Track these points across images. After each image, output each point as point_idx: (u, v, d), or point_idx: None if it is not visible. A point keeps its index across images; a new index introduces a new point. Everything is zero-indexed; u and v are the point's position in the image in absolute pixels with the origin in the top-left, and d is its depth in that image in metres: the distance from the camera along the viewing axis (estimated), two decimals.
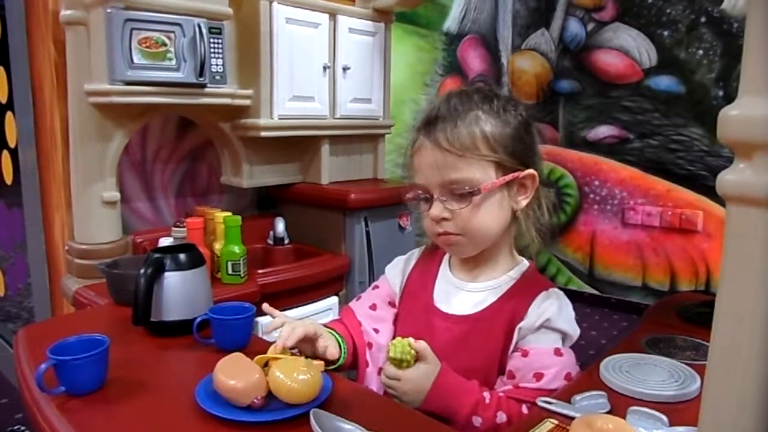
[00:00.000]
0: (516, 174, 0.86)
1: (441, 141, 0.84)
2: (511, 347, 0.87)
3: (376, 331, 1.01)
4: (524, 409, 0.84)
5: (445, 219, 0.86)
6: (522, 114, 0.89)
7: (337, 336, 0.96)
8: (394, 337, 0.90)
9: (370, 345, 0.99)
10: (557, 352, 0.86)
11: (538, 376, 0.85)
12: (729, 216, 0.45)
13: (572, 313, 0.89)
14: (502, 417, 0.82)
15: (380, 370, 0.91)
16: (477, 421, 0.82)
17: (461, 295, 0.93)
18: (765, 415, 0.44)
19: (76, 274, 1.68)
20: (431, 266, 1.00)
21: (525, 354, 0.86)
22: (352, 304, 1.07)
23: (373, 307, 1.03)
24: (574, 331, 0.88)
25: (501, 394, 0.86)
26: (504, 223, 0.89)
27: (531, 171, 0.87)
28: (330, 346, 0.91)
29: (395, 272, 1.05)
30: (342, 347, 0.94)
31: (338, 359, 0.93)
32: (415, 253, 1.07)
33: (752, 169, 0.43)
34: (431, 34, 3.23)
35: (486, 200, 0.85)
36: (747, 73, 0.43)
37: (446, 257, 1.00)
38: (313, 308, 1.89)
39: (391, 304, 1.04)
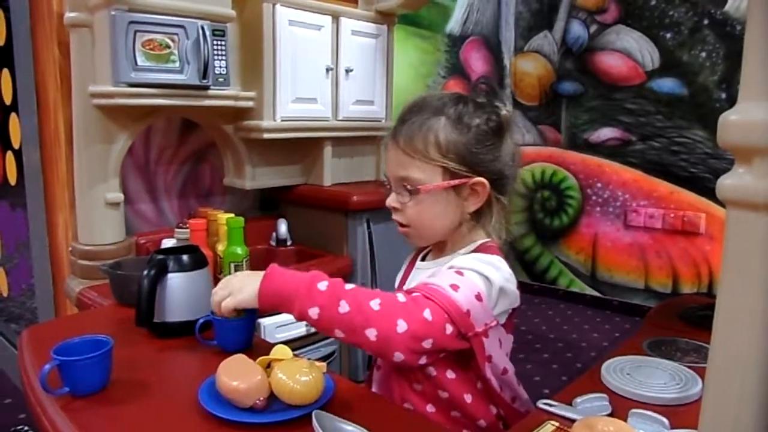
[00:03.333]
0: (464, 180, 0.89)
1: (399, 140, 0.92)
2: None
3: None
4: (399, 296, 0.80)
5: (395, 209, 0.94)
6: (489, 121, 0.91)
7: None
8: None
9: None
10: (458, 272, 0.84)
11: (425, 282, 0.84)
12: (729, 220, 0.45)
13: (495, 263, 0.87)
14: (344, 306, 0.77)
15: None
16: (314, 312, 0.78)
17: (422, 273, 0.98)
18: (765, 417, 0.44)
19: (79, 274, 1.69)
20: (413, 260, 1.07)
21: (432, 275, 0.89)
22: None
23: None
24: (491, 274, 0.84)
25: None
26: (451, 222, 0.93)
27: (480, 179, 0.89)
28: None
29: (405, 263, 1.11)
30: None
31: None
32: (411, 254, 1.11)
33: (752, 174, 0.43)
34: (434, 36, 3.24)
35: (428, 199, 0.90)
36: (746, 79, 0.44)
37: (425, 251, 1.05)
38: None
39: None
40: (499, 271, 0.86)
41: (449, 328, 0.78)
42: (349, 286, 0.81)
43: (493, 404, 0.91)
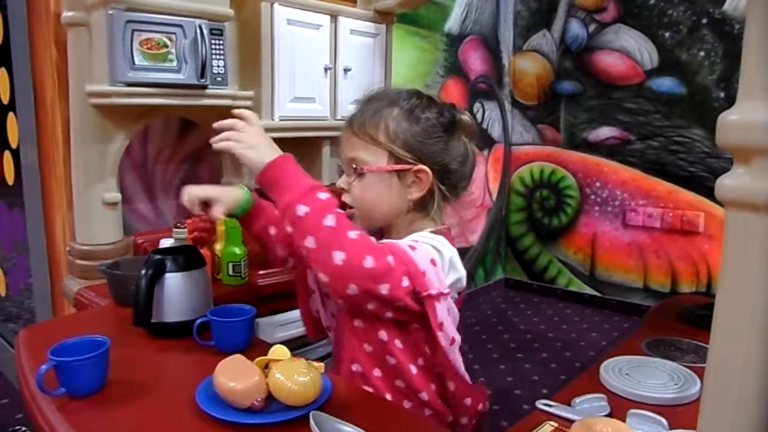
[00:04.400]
0: (407, 167, 0.94)
1: (353, 124, 0.96)
2: None
3: None
4: (352, 235, 0.81)
5: (344, 190, 0.99)
6: (440, 117, 0.96)
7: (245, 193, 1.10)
8: None
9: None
10: (411, 243, 0.88)
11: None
12: (728, 220, 0.45)
13: (441, 240, 0.91)
14: (330, 220, 0.81)
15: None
16: (302, 209, 0.82)
17: None
18: (764, 417, 0.44)
19: (77, 274, 1.68)
20: None
21: None
22: None
23: None
24: (441, 247, 0.89)
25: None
26: (394, 206, 0.97)
27: (423, 167, 0.94)
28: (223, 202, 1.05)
29: None
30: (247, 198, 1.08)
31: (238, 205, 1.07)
32: None
33: (751, 174, 0.43)
34: (432, 35, 3.23)
35: (372, 180, 0.95)
36: (746, 78, 0.43)
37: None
38: None
39: None
40: (448, 248, 0.91)
41: (405, 281, 0.82)
42: (341, 212, 0.83)
43: (433, 382, 0.93)
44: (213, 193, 1.05)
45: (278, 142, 0.87)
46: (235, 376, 0.77)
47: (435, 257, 0.87)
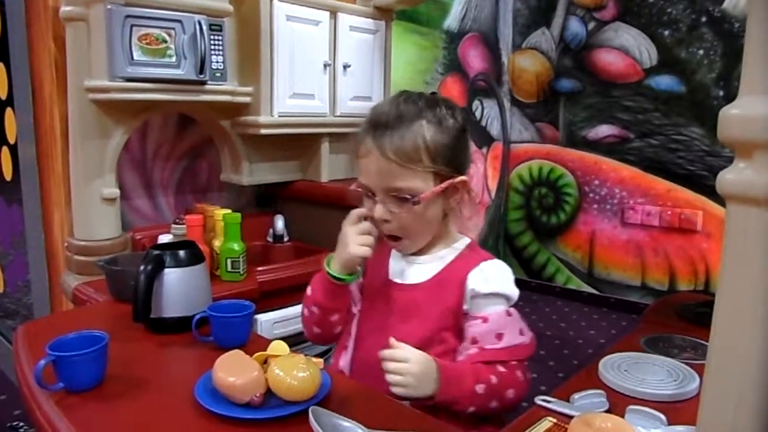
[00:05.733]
0: (451, 181, 0.94)
1: (387, 151, 0.90)
2: (464, 308, 0.95)
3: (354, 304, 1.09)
4: (500, 368, 0.92)
5: (386, 221, 0.94)
6: (459, 121, 0.96)
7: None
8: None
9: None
10: (508, 313, 0.95)
11: (499, 336, 0.93)
12: (729, 215, 0.44)
13: (512, 277, 0.98)
14: (480, 387, 0.89)
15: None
16: (471, 409, 0.90)
17: (413, 267, 1.01)
18: (763, 414, 0.44)
19: (75, 270, 1.68)
20: (384, 247, 1.05)
21: (485, 320, 0.94)
22: None
23: None
24: (515, 293, 0.96)
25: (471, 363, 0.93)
26: (438, 222, 0.98)
27: (463, 178, 0.95)
28: None
29: None
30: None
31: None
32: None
33: (752, 168, 0.43)
34: (432, 33, 3.23)
35: (425, 206, 0.93)
36: (747, 73, 0.43)
37: None
38: None
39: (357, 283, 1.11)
40: (515, 286, 0.97)
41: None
42: (494, 379, 0.90)
43: None
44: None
45: (277, 138, 0.85)
46: (234, 372, 0.77)
47: (522, 325, 0.96)
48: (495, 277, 0.95)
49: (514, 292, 0.96)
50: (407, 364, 0.85)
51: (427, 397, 0.86)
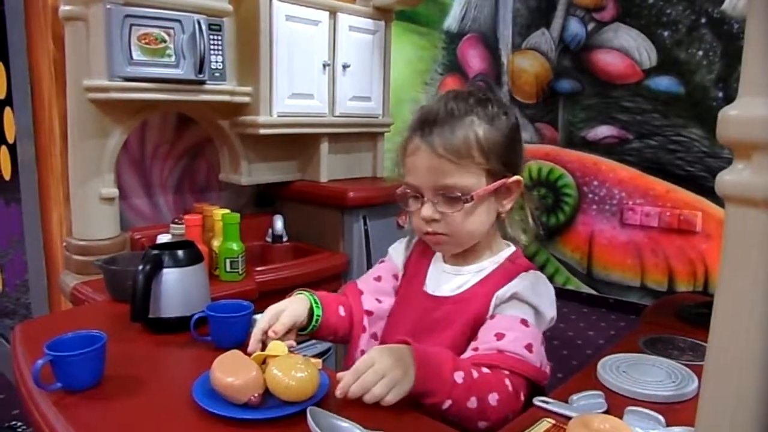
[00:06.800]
0: (504, 180, 0.90)
1: (437, 147, 0.86)
2: (487, 317, 0.89)
3: (379, 300, 1.04)
4: (485, 369, 0.82)
5: (434, 220, 0.90)
6: (512, 119, 0.92)
7: (311, 299, 0.98)
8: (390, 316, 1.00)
9: (369, 312, 1.02)
10: (523, 322, 0.86)
11: (499, 336, 0.85)
12: (728, 216, 0.44)
13: (550, 294, 0.91)
14: (473, 402, 0.79)
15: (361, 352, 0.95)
16: (447, 403, 0.79)
17: (451, 280, 0.97)
18: (762, 415, 0.44)
19: (73, 270, 1.68)
20: (426, 254, 1.04)
21: (492, 318, 0.89)
22: (358, 279, 1.11)
23: (378, 279, 1.07)
24: (547, 310, 0.89)
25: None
26: (489, 225, 0.93)
27: (517, 177, 0.91)
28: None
29: (399, 250, 1.10)
30: (315, 313, 0.97)
31: (306, 327, 0.97)
32: (414, 239, 1.09)
33: (751, 169, 0.42)
34: (431, 33, 3.23)
35: (476, 205, 0.88)
36: (747, 74, 0.43)
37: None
38: None
39: (395, 276, 1.07)
40: (552, 306, 0.89)
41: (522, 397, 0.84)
42: (475, 374, 0.80)
43: None
44: (290, 321, 0.92)
45: (276, 138, 0.84)
46: (233, 372, 0.77)
47: (535, 343, 0.85)
48: (525, 284, 0.89)
49: (543, 305, 0.88)
50: (374, 367, 0.77)
51: (411, 387, 0.78)
